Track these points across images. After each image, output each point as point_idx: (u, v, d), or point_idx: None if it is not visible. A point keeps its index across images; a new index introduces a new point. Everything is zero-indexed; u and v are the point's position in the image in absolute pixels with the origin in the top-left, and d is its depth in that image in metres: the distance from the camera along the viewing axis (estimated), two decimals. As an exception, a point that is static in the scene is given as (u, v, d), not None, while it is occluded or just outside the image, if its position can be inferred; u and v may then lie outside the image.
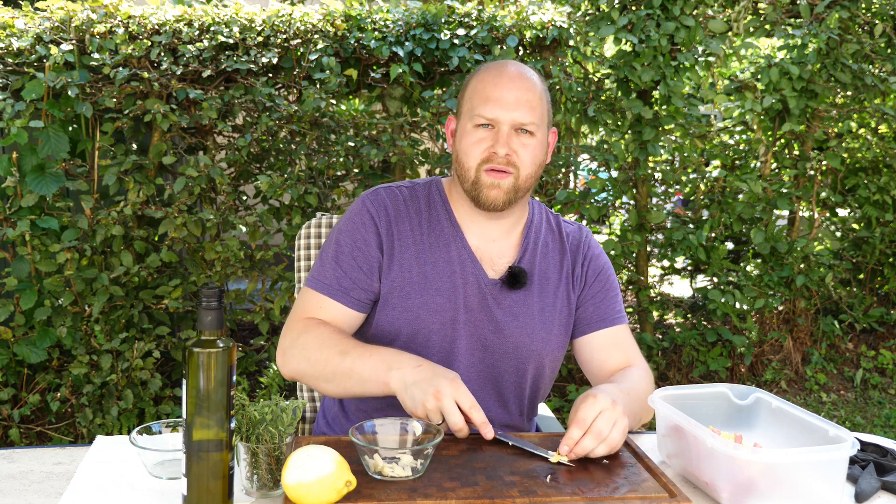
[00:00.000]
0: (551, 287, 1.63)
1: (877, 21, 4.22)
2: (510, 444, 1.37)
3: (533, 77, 1.57)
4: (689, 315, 4.43)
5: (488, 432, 1.34)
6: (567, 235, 1.69)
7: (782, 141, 4.36)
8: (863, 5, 4.19)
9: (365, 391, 1.44)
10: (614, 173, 4.00)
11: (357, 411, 1.63)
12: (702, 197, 4.36)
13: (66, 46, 3.24)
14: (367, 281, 1.56)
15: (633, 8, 3.85)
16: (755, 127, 4.35)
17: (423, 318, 1.55)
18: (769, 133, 4.26)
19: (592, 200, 4.00)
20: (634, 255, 4.11)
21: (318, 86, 3.52)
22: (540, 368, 1.64)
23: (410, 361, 1.39)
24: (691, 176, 4.31)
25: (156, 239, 3.57)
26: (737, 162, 4.49)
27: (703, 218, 4.35)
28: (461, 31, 3.67)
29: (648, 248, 4.23)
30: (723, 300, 4.00)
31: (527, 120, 1.52)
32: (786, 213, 4.55)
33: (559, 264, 1.65)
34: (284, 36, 3.51)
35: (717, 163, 4.52)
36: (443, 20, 3.70)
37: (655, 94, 3.95)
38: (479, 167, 1.52)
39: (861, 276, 4.81)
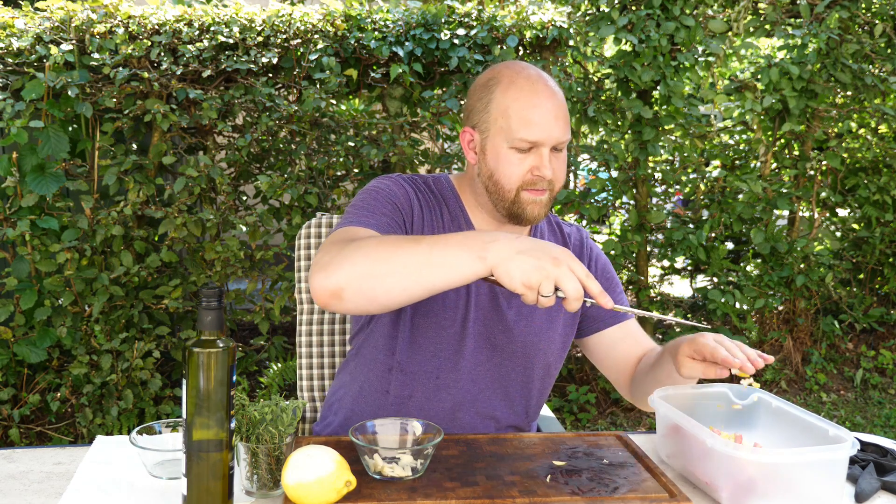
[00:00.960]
0: None
1: (877, 21, 4.22)
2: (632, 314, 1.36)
3: (556, 85, 1.54)
4: (689, 315, 4.43)
5: (606, 301, 1.22)
6: (569, 236, 1.71)
7: (782, 141, 4.36)
8: (863, 5, 4.19)
9: (449, 275, 1.23)
10: (614, 173, 4.00)
11: (355, 413, 1.63)
12: (702, 197, 4.37)
13: (66, 46, 3.24)
14: (404, 231, 1.51)
15: (633, 8, 3.85)
16: (755, 127, 4.35)
17: (436, 310, 1.54)
18: (769, 133, 4.26)
19: (592, 200, 4.00)
20: (634, 255, 4.11)
21: (318, 86, 3.52)
22: (546, 368, 1.65)
23: (506, 235, 1.24)
24: (691, 176, 4.31)
25: (156, 239, 3.57)
26: (737, 162, 4.49)
27: (703, 218, 4.35)
28: (461, 31, 3.67)
29: (648, 248, 4.23)
30: (723, 300, 4.00)
31: (566, 138, 1.50)
32: (786, 213, 4.55)
33: None
34: (284, 36, 3.51)
35: (717, 163, 4.52)
36: (443, 20, 3.70)
37: (655, 94, 3.95)
38: (519, 188, 1.51)
39: (861, 276, 4.81)
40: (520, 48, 3.86)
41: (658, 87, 3.84)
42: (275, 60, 3.41)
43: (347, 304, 1.28)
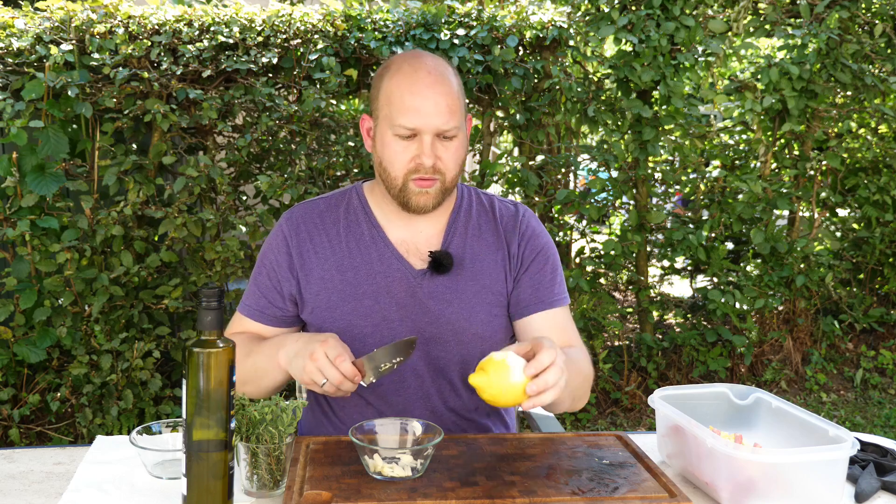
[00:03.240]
0: (486, 268, 1.60)
1: (877, 21, 4.22)
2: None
3: (447, 73, 1.51)
4: (689, 315, 4.43)
5: (358, 380, 1.34)
6: (502, 217, 1.65)
7: (782, 141, 4.36)
8: (863, 5, 4.19)
9: (273, 381, 1.49)
10: (614, 173, 4.00)
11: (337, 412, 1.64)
12: (702, 197, 4.36)
13: (66, 46, 3.24)
14: (282, 300, 1.59)
15: (633, 8, 3.85)
16: (755, 127, 4.35)
17: (355, 323, 1.55)
18: (769, 133, 4.26)
19: (592, 200, 4.00)
20: (634, 255, 4.11)
21: (318, 86, 3.52)
22: (487, 352, 1.61)
23: (293, 338, 1.45)
24: (691, 176, 4.31)
25: (156, 239, 3.57)
26: (737, 162, 4.49)
27: (703, 218, 4.35)
28: (461, 31, 3.67)
29: (648, 248, 4.23)
30: (723, 300, 4.00)
31: (449, 126, 1.47)
32: (786, 213, 4.55)
33: (493, 246, 1.62)
34: (284, 36, 3.51)
35: (717, 163, 4.52)
36: (443, 20, 3.70)
37: (655, 94, 3.95)
38: (405, 177, 1.50)
39: (861, 276, 4.81)
40: (520, 48, 3.86)
41: (658, 87, 3.84)
42: (275, 60, 3.41)
43: None
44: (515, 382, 1.23)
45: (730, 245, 4.69)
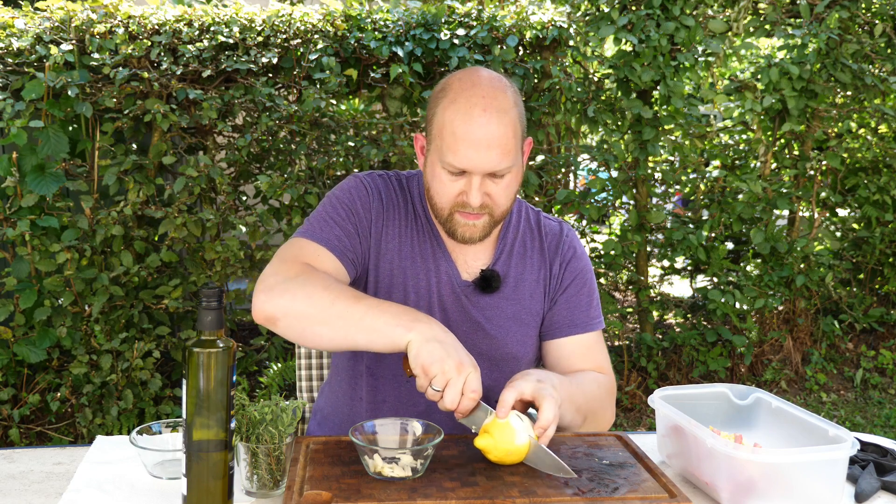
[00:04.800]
0: (527, 290, 1.59)
1: (877, 21, 4.22)
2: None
3: (507, 108, 1.42)
4: (689, 315, 4.43)
5: (456, 415, 1.28)
6: (546, 235, 1.63)
7: (782, 141, 4.36)
8: (863, 5, 4.19)
9: (370, 340, 1.30)
10: (614, 173, 4.00)
11: (330, 419, 1.63)
12: (702, 197, 4.36)
13: (66, 46, 3.24)
14: (361, 248, 1.51)
15: (633, 8, 3.85)
16: (755, 127, 4.35)
17: None
18: (769, 133, 4.26)
19: (592, 200, 4.00)
20: (634, 255, 4.11)
21: (318, 86, 3.52)
22: (518, 371, 1.59)
23: (436, 323, 1.30)
24: (691, 176, 4.31)
25: (156, 239, 3.57)
26: (737, 162, 4.49)
27: (703, 218, 4.34)
28: (461, 31, 3.67)
29: (648, 248, 4.23)
30: (723, 300, 4.00)
31: (501, 167, 1.41)
32: (786, 213, 4.55)
33: (537, 265, 1.61)
34: (284, 36, 3.51)
35: (717, 163, 4.52)
36: (443, 20, 3.70)
37: (655, 94, 3.95)
38: (451, 209, 1.46)
39: (861, 276, 4.81)
40: (520, 48, 3.86)
41: (658, 87, 3.84)
42: (275, 60, 3.41)
43: (279, 331, 1.36)
44: (520, 445, 1.26)
45: (730, 245, 4.69)
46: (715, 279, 4.26)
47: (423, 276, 1.54)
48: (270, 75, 3.58)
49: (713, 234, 4.21)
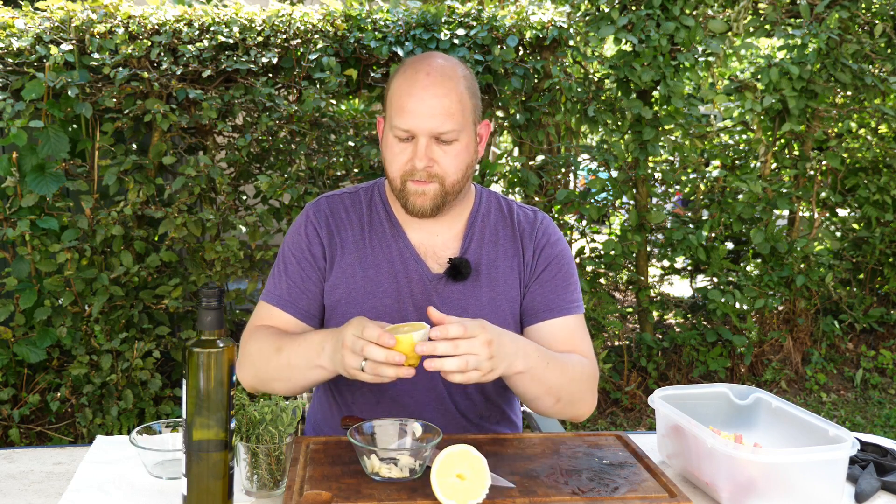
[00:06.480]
0: (501, 276, 1.59)
1: (877, 21, 4.22)
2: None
3: (452, 75, 1.48)
4: (689, 315, 4.43)
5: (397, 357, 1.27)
6: (519, 222, 1.64)
7: (782, 141, 4.36)
8: (863, 5, 4.19)
9: (308, 379, 1.45)
10: (614, 173, 4.00)
11: (314, 422, 1.65)
12: (702, 197, 4.36)
13: (66, 46, 3.24)
14: (315, 290, 1.57)
15: (633, 8, 3.85)
16: (755, 127, 4.35)
17: (374, 320, 1.53)
18: (769, 133, 4.26)
19: (592, 200, 4.00)
20: (634, 255, 4.11)
21: (318, 86, 3.52)
22: None
23: (328, 334, 1.40)
24: (691, 176, 4.31)
25: (156, 239, 3.57)
26: (737, 162, 4.49)
27: (703, 218, 4.34)
28: (461, 31, 3.67)
29: (648, 248, 4.23)
30: (723, 300, 4.00)
31: (444, 129, 1.46)
32: (786, 213, 4.55)
33: (510, 252, 1.61)
34: (284, 36, 3.51)
35: (717, 163, 4.52)
36: (443, 20, 3.70)
37: (655, 94, 3.95)
38: (402, 178, 1.50)
39: (861, 276, 4.81)
40: (520, 48, 3.86)
41: (658, 87, 3.84)
42: (275, 60, 3.41)
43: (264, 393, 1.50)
44: (413, 340, 1.26)
45: (730, 245, 4.69)
46: (715, 279, 4.26)
47: (390, 280, 1.56)
48: (270, 75, 3.58)
49: (713, 234, 4.21)
